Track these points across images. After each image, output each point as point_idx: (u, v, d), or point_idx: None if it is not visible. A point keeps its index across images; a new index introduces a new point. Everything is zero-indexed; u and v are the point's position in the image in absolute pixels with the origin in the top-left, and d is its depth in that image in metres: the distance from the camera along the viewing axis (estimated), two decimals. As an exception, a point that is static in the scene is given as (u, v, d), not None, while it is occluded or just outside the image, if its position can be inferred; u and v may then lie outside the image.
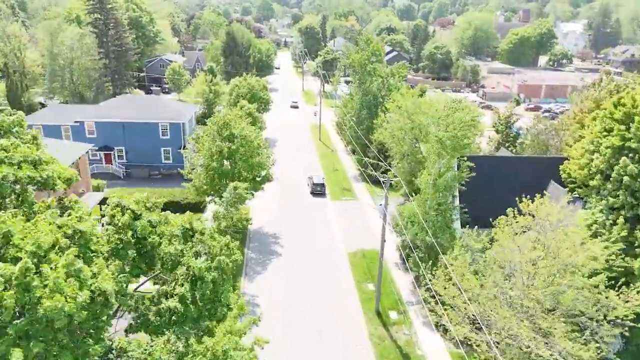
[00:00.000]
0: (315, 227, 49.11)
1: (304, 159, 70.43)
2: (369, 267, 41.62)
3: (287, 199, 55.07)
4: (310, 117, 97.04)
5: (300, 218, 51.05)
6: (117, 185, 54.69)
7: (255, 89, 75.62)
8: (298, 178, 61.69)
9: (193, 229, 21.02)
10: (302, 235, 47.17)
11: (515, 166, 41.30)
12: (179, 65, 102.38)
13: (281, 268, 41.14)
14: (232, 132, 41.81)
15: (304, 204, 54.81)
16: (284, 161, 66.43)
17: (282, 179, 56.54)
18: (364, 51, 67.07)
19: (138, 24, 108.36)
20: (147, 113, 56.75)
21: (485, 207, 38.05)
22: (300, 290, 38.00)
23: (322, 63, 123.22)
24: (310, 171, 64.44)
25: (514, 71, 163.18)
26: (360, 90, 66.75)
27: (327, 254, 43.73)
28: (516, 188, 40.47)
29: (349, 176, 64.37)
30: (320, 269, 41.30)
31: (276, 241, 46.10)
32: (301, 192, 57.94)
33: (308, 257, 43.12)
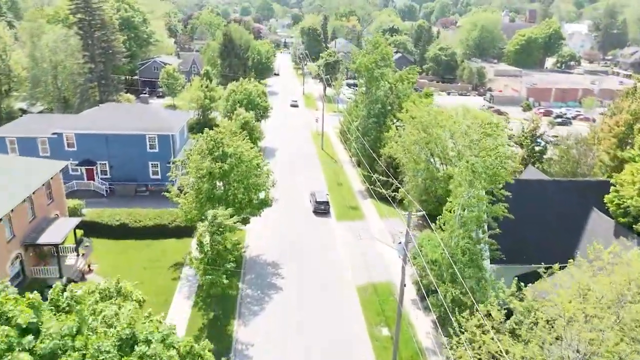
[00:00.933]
0: (319, 254, 43.71)
1: (306, 171, 65.06)
2: (382, 305, 36.26)
3: (287, 219, 49.68)
4: (311, 123, 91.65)
5: (302, 242, 45.65)
6: (99, 204, 49.28)
7: (252, 95, 70.25)
8: (299, 193, 56.33)
9: (135, 337, 14.78)
10: (305, 264, 41.77)
11: (548, 191, 35.83)
12: (174, 68, 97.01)
13: (281, 307, 35.73)
14: (225, 152, 36.44)
15: (306, 225, 49.42)
16: (284, 173, 61.14)
17: (282, 194, 51.08)
18: (371, 54, 61.75)
19: (130, 24, 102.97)
20: (133, 124, 51.37)
21: (514, 239, 32.77)
22: (303, 337, 32.60)
23: (323, 65, 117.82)
24: (312, 186, 59.09)
25: (521, 73, 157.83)
26: (367, 97, 61.37)
27: (334, 289, 38.32)
28: (549, 217, 35.21)
29: (355, 191, 58.98)
30: (326, 307, 35.90)
31: (275, 271, 40.69)
32: (303, 211, 52.56)
33: (312, 292, 37.73)
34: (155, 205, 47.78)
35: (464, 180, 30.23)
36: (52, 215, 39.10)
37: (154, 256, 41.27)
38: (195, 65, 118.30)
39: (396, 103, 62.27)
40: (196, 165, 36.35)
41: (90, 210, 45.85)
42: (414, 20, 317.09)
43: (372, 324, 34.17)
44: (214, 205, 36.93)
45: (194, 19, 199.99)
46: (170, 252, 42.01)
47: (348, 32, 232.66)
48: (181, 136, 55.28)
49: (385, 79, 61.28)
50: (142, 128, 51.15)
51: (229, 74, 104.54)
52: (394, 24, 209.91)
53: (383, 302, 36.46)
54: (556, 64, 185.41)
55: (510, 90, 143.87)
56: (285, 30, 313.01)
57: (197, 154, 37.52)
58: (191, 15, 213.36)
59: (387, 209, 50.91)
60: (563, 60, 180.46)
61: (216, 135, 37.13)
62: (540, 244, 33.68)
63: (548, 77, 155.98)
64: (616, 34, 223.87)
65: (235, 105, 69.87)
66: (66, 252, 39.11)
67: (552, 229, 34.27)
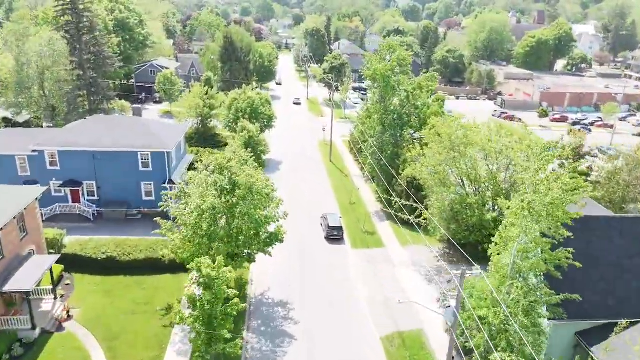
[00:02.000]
0: (335, 291, 38.13)
1: (314, 188, 59.48)
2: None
3: (296, 247, 44.04)
4: (317, 130, 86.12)
5: (315, 276, 40.08)
6: (85, 230, 43.71)
7: (256, 104, 64.67)
8: (308, 215, 50.73)
9: None
10: (319, 305, 36.18)
11: (615, 229, 30.04)
12: (171, 72, 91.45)
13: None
14: (235, 182, 30.82)
15: (318, 254, 43.83)
16: (290, 191, 55.63)
17: (289, 216, 45.45)
18: (387, 60, 56.21)
19: (125, 26, 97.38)
20: (124, 139, 45.77)
21: (572, 288, 27.03)
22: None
23: (329, 69, 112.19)
24: (322, 205, 53.59)
25: (532, 76, 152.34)
26: (382, 107, 55.78)
27: (356, 340, 32.70)
28: (617, 261, 29.57)
29: (370, 212, 53.37)
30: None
31: (286, 314, 35.13)
32: (313, 236, 46.98)
33: (331, 343, 32.14)
34: (148, 231, 42.11)
35: (518, 222, 24.61)
36: (26, 252, 33.52)
37: (145, 296, 35.69)
38: (194, 69, 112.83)
39: (414, 114, 56.81)
40: (197, 203, 30.66)
41: (73, 239, 40.25)
42: (417, 21, 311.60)
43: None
44: (212, 243, 31.43)
45: (193, 20, 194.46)
46: (164, 291, 36.44)
47: (351, 33, 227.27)
48: (177, 152, 49.70)
49: (401, 86, 55.80)
50: (134, 144, 45.57)
51: (230, 78, 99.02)
52: (399, 25, 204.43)
53: (414, 359, 30.88)
54: (566, 67, 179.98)
55: (522, 94, 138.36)
56: (287, 31, 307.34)
57: (197, 186, 31.81)
58: (190, 15, 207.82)
59: (408, 234, 45.42)
60: (574, 63, 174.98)
61: (223, 161, 31.44)
62: (605, 294, 28.13)
63: (560, 81, 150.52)
64: (625, 35, 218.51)
65: (238, 114, 64.33)
66: (42, 295, 33.56)
67: (619, 275, 28.68)
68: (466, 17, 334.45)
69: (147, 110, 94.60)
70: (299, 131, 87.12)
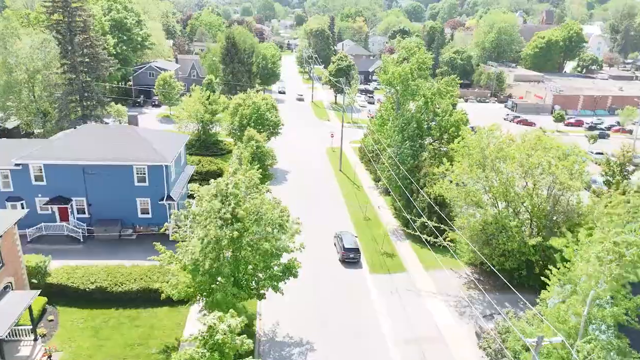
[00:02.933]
0: (357, 328, 33.59)
1: (324, 201, 54.99)
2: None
3: (308, 271, 39.37)
4: (324, 136, 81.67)
5: (331, 308, 35.56)
6: (72, 254, 39.26)
7: (262, 110, 60.18)
8: (320, 232, 46.20)
9: None
10: (338, 345, 31.67)
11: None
12: (170, 74, 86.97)
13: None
14: (238, 213, 26.25)
15: (332, 280, 39.33)
16: (299, 205, 51.21)
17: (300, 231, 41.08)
18: (406, 63, 51.81)
19: (122, 26, 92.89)
20: (118, 151, 41.28)
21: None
22: None
23: (335, 71, 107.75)
24: (334, 221, 49.16)
25: (543, 78, 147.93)
26: (399, 114, 51.32)
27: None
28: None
29: (387, 229, 48.75)
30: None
31: (302, 356, 30.62)
32: (327, 258, 42.48)
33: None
34: (144, 254, 37.67)
35: (596, 266, 20.12)
36: (1, 287, 29.03)
37: (139, 336, 31.15)
38: (195, 71, 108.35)
39: (436, 123, 52.38)
40: (199, 235, 26.11)
41: (59, 265, 35.71)
42: (420, 21, 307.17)
43: None
44: (214, 281, 26.95)
45: (193, 20, 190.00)
46: (161, 328, 31.93)
47: (354, 33, 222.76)
48: (177, 164, 45.20)
49: (421, 92, 51.38)
50: (129, 157, 41.08)
51: (232, 81, 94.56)
52: (404, 26, 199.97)
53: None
54: (576, 68, 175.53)
55: (534, 96, 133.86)
56: (288, 31, 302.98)
57: (200, 216, 27.21)
58: (190, 15, 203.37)
59: (430, 254, 41.01)
60: (584, 64, 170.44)
61: (222, 187, 26.87)
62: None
63: (571, 83, 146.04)
64: (634, 36, 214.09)
65: (243, 120, 59.83)
66: (19, 336, 29.06)
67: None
68: (470, 17, 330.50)
69: (146, 114, 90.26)
70: (306, 137, 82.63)
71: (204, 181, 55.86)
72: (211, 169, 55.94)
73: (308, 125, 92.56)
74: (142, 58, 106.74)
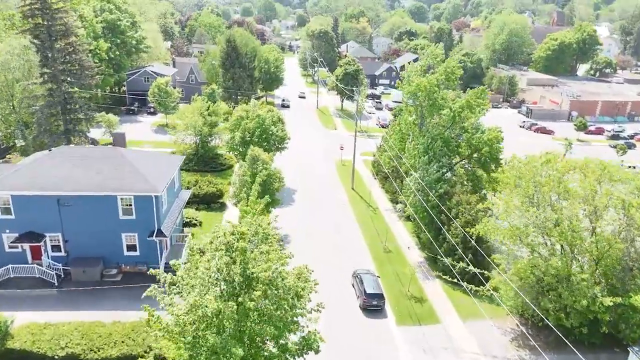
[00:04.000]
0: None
1: (337, 228, 48.75)
2: None
3: (322, 321, 33.22)
4: (333, 148, 75.55)
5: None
6: (43, 302, 33.06)
7: (266, 123, 53.96)
8: (333, 268, 40.01)
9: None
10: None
11: None
12: (167, 80, 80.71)
13: None
14: (251, 275, 20.08)
15: (352, 333, 33.07)
16: (309, 231, 45.23)
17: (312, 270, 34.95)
18: (432, 72, 45.69)
19: (116, 29, 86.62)
20: (99, 178, 35.08)
21: None
22: None
23: (342, 75, 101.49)
24: (349, 253, 42.98)
25: (557, 82, 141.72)
26: (424, 131, 45.11)
27: None
28: None
29: (412, 263, 42.53)
30: None
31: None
32: (343, 302, 36.23)
33: None
34: (130, 301, 31.77)
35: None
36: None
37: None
38: (193, 75, 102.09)
39: (462, 139, 46.18)
40: (194, 302, 19.80)
41: (25, 323, 29.45)
42: (424, 22, 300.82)
43: None
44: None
45: (192, 21, 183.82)
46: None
47: (358, 34, 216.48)
48: (170, 192, 38.96)
49: (447, 104, 45.21)
50: (113, 185, 34.89)
51: (233, 87, 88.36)
52: (410, 27, 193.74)
53: None
54: (589, 72, 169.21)
55: (549, 102, 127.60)
56: (290, 32, 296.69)
57: (199, 281, 20.95)
58: (189, 16, 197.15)
59: (467, 301, 34.88)
60: (598, 68, 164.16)
61: (231, 239, 20.59)
62: None
63: (585, 87, 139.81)
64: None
65: (246, 135, 53.57)
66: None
67: None
68: (474, 18, 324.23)
69: (140, 123, 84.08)
70: (313, 148, 76.40)
71: (201, 204, 49.85)
72: (209, 192, 49.70)
73: (314, 134, 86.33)
74: (138, 62, 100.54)
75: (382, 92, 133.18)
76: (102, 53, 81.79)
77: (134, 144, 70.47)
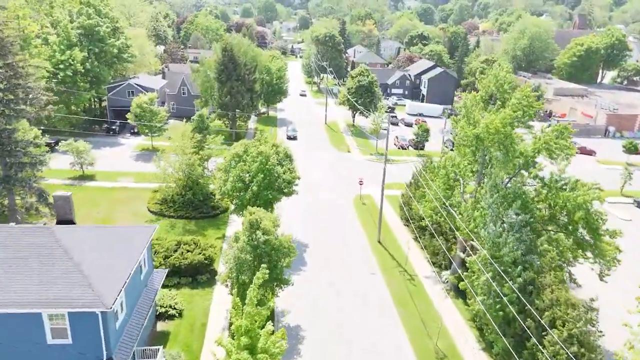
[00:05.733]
0: None
1: (365, 313, 36.29)
2: None
3: None
4: (348, 177, 63.19)
5: None
6: None
7: (271, 164, 41.39)
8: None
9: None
10: None
11: None
12: (151, 97, 68.16)
13: None
14: None
15: None
16: (328, 327, 32.74)
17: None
18: (496, 105, 33.33)
19: (94, 35, 74.19)
20: (17, 286, 22.69)
21: None
22: None
23: (354, 88, 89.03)
24: (384, 352, 30.59)
25: (587, 92, 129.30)
26: (493, 189, 32.61)
27: None
28: None
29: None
30: None
31: None
32: None
33: None
34: None
35: None
36: None
37: None
38: (185, 87, 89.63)
39: (542, 199, 33.77)
40: None
41: None
42: (431, 24, 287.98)
43: None
44: None
45: (187, 23, 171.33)
46: None
47: (364, 37, 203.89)
48: (132, 289, 26.39)
49: (520, 150, 32.80)
50: (37, 297, 22.42)
51: (230, 102, 75.91)
52: (422, 30, 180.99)
53: None
54: (616, 79, 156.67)
55: (580, 115, 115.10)
56: (291, 34, 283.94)
57: None
58: (185, 18, 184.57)
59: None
60: (626, 75, 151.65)
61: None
62: None
63: (617, 97, 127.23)
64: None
65: (242, 179, 41.01)
66: None
67: None
68: (482, 20, 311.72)
69: (121, 147, 71.67)
70: (325, 180, 63.88)
71: (184, 277, 37.45)
72: (195, 261, 37.15)
73: (325, 159, 73.84)
74: (126, 73, 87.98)
75: (395, 102, 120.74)
76: (77, 64, 69.45)
77: (107, 178, 58.18)
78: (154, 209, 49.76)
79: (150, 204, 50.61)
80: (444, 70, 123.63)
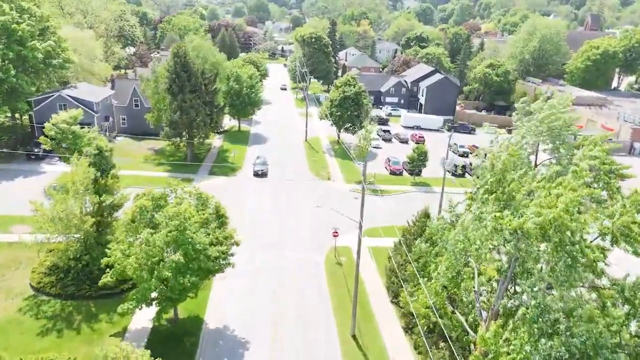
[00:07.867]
0: None
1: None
2: None
3: None
4: (326, 226, 48.59)
5: None
6: None
7: (189, 231, 26.77)
8: None
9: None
10: None
11: None
12: (74, 115, 53.55)
13: None
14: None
15: None
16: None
17: None
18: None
19: (11, 36, 59.67)
20: None
21: None
22: None
23: (338, 100, 74.46)
24: None
25: (606, 102, 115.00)
26: (541, 306, 18.13)
27: None
28: None
29: None
30: None
31: None
32: None
33: None
34: None
35: None
36: None
37: None
38: (138, 98, 75.15)
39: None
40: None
41: None
42: (430, 24, 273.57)
43: None
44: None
45: (164, 23, 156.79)
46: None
47: (358, 39, 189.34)
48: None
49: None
50: None
51: (181, 119, 61.36)
52: (422, 32, 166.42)
53: None
54: (633, 86, 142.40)
55: (600, 127, 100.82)
56: (283, 35, 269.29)
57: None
58: (163, 18, 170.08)
59: None
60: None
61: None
62: None
63: (638, 106, 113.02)
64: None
65: (146, 261, 26.59)
66: None
67: None
68: (484, 20, 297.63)
69: (42, 175, 57.21)
70: (296, 225, 49.35)
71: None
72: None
73: (299, 192, 59.16)
74: (59, 82, 73.30)
75: (389, 113, 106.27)
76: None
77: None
78: (37, 281, 35.34)
79: (35, 274, 36.19)
80: (444, 77, 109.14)
